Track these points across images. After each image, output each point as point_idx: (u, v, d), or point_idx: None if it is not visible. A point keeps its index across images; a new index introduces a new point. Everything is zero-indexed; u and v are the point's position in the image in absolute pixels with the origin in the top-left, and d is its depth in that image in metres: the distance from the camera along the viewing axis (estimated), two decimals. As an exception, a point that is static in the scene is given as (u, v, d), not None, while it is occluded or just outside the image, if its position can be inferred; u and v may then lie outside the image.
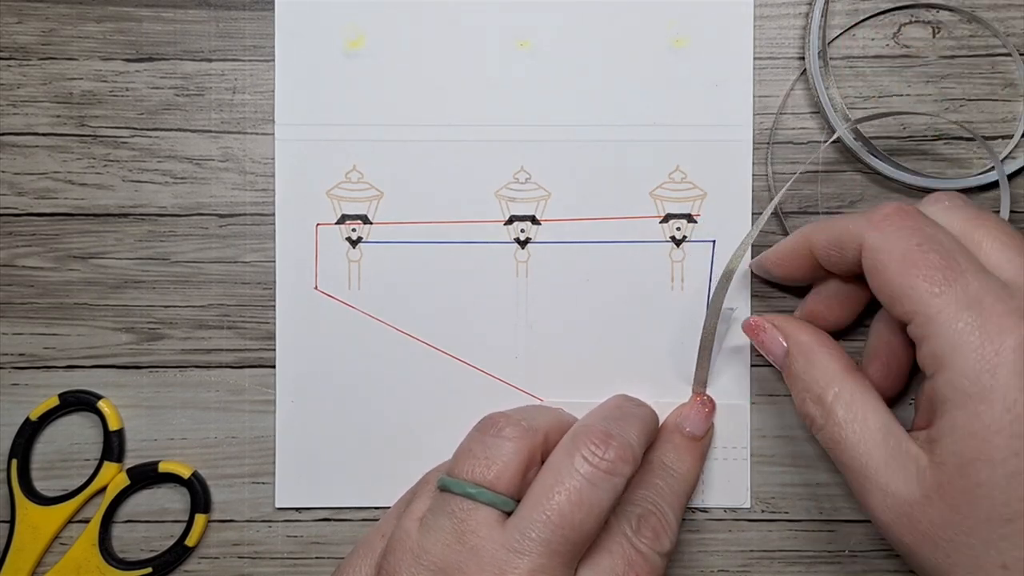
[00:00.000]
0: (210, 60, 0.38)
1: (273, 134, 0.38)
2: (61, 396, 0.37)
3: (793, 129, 0.37)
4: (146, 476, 0.37)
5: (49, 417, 0.37)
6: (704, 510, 0.37)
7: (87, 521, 0.37)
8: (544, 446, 0.32)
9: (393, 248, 0.37)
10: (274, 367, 0.37)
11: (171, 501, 0.38)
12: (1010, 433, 0.27)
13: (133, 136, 0.38)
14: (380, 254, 0.37)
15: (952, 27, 0.38)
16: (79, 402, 0.37)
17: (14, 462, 0.37)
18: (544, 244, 0.37)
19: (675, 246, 0.37)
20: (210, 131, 0.38)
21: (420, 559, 0.30)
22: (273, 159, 0.38)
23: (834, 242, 0.32)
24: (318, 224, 0.38)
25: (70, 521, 0.37)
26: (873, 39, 0.38)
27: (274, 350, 0.37)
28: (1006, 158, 0.37)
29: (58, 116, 0.38)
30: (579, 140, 0.37)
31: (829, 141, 0.36)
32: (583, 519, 0.29)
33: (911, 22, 0.38)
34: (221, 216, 0.38)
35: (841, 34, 0.38)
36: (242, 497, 0.38)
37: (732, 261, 0.35)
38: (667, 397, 0.37)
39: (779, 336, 0.34)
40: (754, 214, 0.38)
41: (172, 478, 0.37)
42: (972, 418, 0.28)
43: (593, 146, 0.37)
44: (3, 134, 0.38)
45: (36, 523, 0.37)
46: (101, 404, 0.37)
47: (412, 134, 0.37)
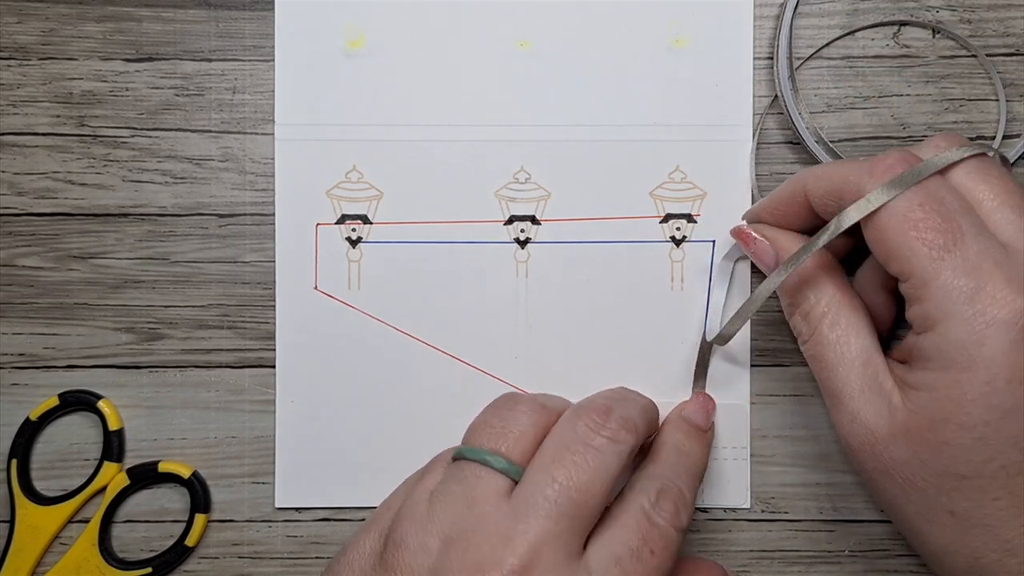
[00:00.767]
0: (210, 60, 0.38)
1: (273, 134, 0.38)
2: (61, 396, 0.37)
3: (790, 129, 0.37)
4: (146, 476, 0.37)
5: (49, 417, 0.37)
6: (704, 510, 0.37)
7: (87, 521, 0.37)
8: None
9: (393, 248, 0.37)
10: (274, 367, 0.37)
11: (171, 501, 0.38)
12: (985, 404, 0.28)
13: (133, 136, 0.38)
14: (380, 254, 0.37)
15: (952, 27, 0.38)
16: (79, 402, 0.37)
17: (14, 462, 0.37)
18: (544, 244, 0.37)
19: (675, 246, 0.37)
20: (210, 131, 0.38)
21: (428, 527, 0.29)
22: (273, 159, 0.38)
23: (833, 192, 0.32)
24: (318, 224, 0.38)
25: (70, 521, 0.37)
26: (873, 39, 0.38)
27: (274, 350, 0.37)
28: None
29: (58, 116, 0.38)
30: (579, 140, 0.37)
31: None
32: (588, 481, 0.29)
33: (911, 22, 0.38)
34: (221, 216, 0.38)
35: (841, 37, 0.38)
36: (242, 497, 0.38)
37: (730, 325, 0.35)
38: (667, 397, 0.37)
39: (769, 246, 0.34)
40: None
41: (172, 478, 0.37)
42: (952, 384, 0.28)
43: (593, 146, 0.37)
44: (3, 134, 0.38)
45: (36, 523, 0.37)
46: (101, 404, 0.37)
47: (412, 134, 0.37)
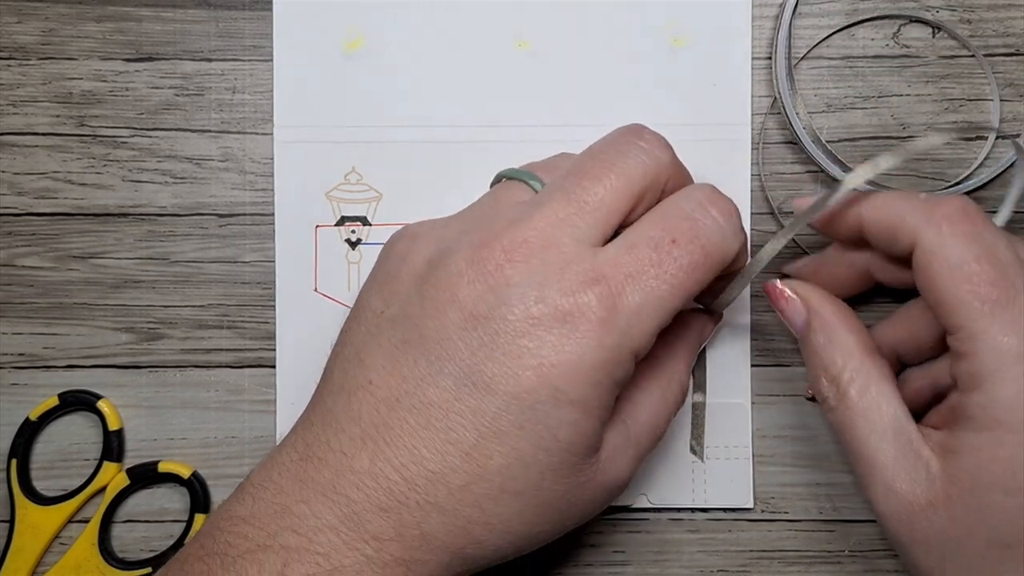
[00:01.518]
0: (210, 60, 0.38)
1: (272, 134, 0.38)
2: (61, 396, 0.37)
3: (787, 129, 0.37)
4: (146, 476, 0.37)
5: (49, 417, 0.37)
6: (704, 510, 0.37)
7: (87, 521, 0.37)
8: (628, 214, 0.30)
9: (393, 248, 0.37)
10: (274, 367, 0.37)
11: (171, 501, 0.38)
12: None
13: (133, 136, 0.38)
14: (380, 254, 0.38)
15: (952, 27, 0.38)
16: (79, 402, 0.37)
17: (14, 462, 0.37)
18: (544, 244, 0.37)
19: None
20: (210, 131, 0.38)
21: (448, 222, 0.31)
22: (273, 159, 0.38)
23: (887, 228, 0.31)
24: (317, 226, 0.38)
25: (70, 521, 0.37)
26: (873, 39, 0.38)
27: (274, 350, 0.37)
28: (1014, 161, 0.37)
29: (58, 116, 0.38)
30: (578, 140, 0.37)
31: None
32: (611, 180, 0.29)
33: (911, 22, 0.38)
34: (221, 216, 0.38)
35: (838, 31, 0.38)
36: (242, 497, 0.38)
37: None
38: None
39: (801, 306, 0.33)
40: (753, 214, 0.38)
41: (172, 478, 0.37)
42: (997, 445, 0.28)
43: (593, 146, 0.37)
44: (3, 134, 0.38)
45: (36, 523, 0.37)
46: (101, 404, 0.37)
47: (411, 135, 0.37)
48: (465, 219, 0.31)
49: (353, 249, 0.38)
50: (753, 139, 0.38)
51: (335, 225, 0.38)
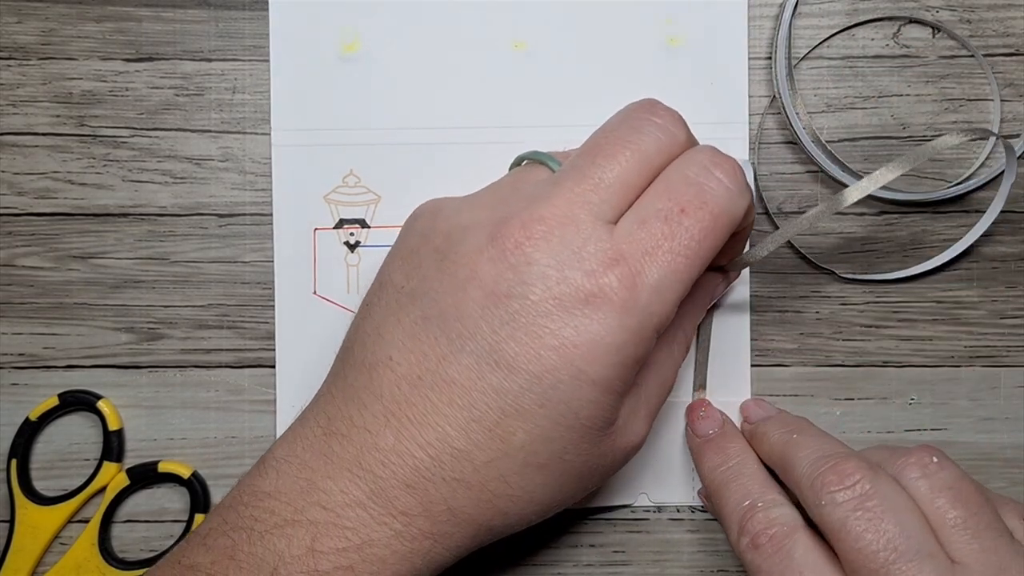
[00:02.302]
0: (210, 60, 0.38)
1: (271, 136, 0.38)
2: (61, 396, 0.37)
3: (787, 129, 0.37)
4: (146, 476, 0.37)
5: (49, 417, 0.37)
6: (704, 510, 0.37)
7: (87, 521, 0.37)
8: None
9: (392, 249, 0.37)
10: (274, 367, 0.37)
11: (171, 501, 0.38)
12: None
13: (133, 136, 0.38)
14: (379, 258, 0.37)
15: (952, 27, 0.37)
16: (79, 402, 0.37)
17: (14, 462, 0.37)
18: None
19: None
20: (210, 131, 0.38)
21: (469, 199, 0.31)
22: (272, 160, 0.38)
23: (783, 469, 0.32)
24: (316, 229, 0.38)
25: (70, 521, 0.37)
26: (873, 39, 0.38)
27: (274, 350, 0.37)
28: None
29: (58, 116, 0.38)
30: (576, 140, 0.37)
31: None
32: (626, 157, 0.29)
33: (911, 22, 0.38)
34: (221, 216, 0.38)
35: (838, 32, 0.38)
36: (242, 497, 0.38)
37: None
38: (669, 396, 0.37)
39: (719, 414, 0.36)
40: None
41: (172, 478, 0.37)
42: None
43: (592, 146, 0.37)
44: (3, 134, 0.38)
45: (36, 523, 0.37)
46: (101, 404, 0.37)
47: (409, 137, 0.37)
48: (485, 197, 0.31)
49: (352, 252, 0.38)
50: (752, 139, 0.38)
51: (334, 228, 0.38)
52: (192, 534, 0.30)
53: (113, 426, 0.37)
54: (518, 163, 0.33)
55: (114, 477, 0.37)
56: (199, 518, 0.37)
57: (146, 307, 0.38)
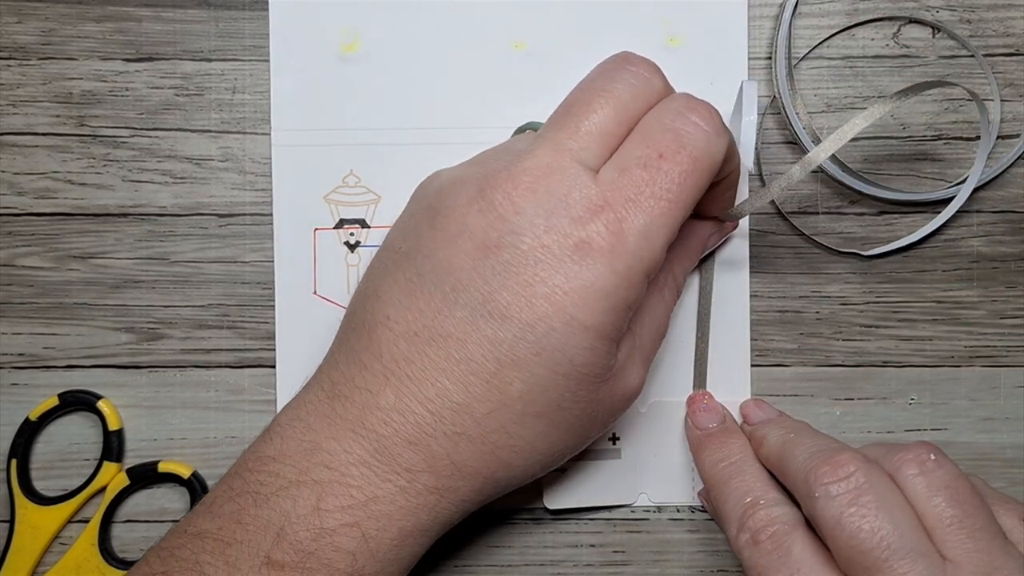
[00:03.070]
0: (210, 60, 0.38)
1: (271, 136, 0.38)
2: (61, 396, 0.37)
3: (787, 129, 0.37)
4: (146, 476, 0.37)
5: (49, 417, 0.37)
6: (704, 510, 0.37)
7: (87, 521, 0.37)
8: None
9: (392, 248, 0.37)
10: (274, 367, 0.37)
11: (171, 501, 0.38)
12: None
13: (133, 136, 0.38)
14: (379, 254, 0.37)
15: (952, 27, 0.37)
16: (79, 402, 0.37)
17: (14, 462, 0.37)
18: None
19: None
20: (210, 131, 0.38)
21: (463, 163, 0.31)
22: (272, 160, 0.38)
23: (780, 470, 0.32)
24: (316, 229, 0.38)
25: (70, 521, 0.37)
26: (873, 39, 0.38)
27: (274, 350, 0.37)
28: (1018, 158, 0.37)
29: (58, 116, 0.38)
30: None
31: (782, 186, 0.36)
32: (591, 97, 0.30)
33: (911, 22, 0.38)
34: (221, 216, 0.38)
35: (838, 33, 0.38)
36: (242, 497, 0.38)
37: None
38: (668, 396, 0.37)
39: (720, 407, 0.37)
40: (752, 214, 0.38)
41: (172, 478, 0.37)
42: None
43: (592, 146, 0.37)
44: (3, 134, 0.38)
45: (36, 523, 0.37)
46: (101, 404, 0.37)
47: (408, 137, 0.37)
48: (477, 158, 0.32)
49: (352, 252, 0.38)
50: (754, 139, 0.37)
51: (334, 228, 0.38)
52: (198, 504, 0.30)
53: (113, 426, 0.37)
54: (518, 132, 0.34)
55: (114, 477, 0.37)
56: (199, 518, 0.37)
57: (146, 307, 0.38)
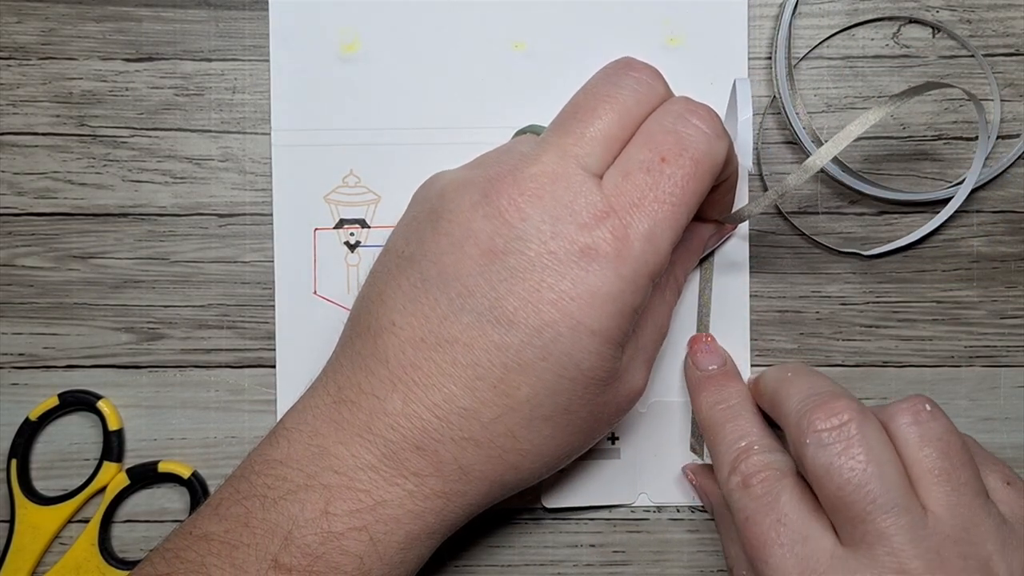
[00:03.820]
0: (210, 60, 0.38)
1: (271, 136, 0.38)
2: (60, 396, 0.37)
3: (787, 129, 0.37)
4: (146, 476, 0.37)
5: (49, 417, 0.37)
6: (704, 510, 0.37)
7: (87, 521, 0.37)
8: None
9: (392, 248, 0.37)
10: (274, 367, 0.37)
11: (171, 501, 0.38)
12: None
13: (133, 136, 0.38)
14: (379, 254, 0.37)
15: (952, 27, 0.37)
16: (78, 402, 0.37)
17: (14, 462, 0.37)
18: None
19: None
20: (210, 131, 0.38)
21: (466, 165, 0.32)
22: (272, 159, 0.38)
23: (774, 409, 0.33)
24: (316, 229, 0.38)
25: (70, 521, 0.37)
26: (873, 39, 0.38)
27: (274, 350, 0.37)
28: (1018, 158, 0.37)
29: (58, 116, 0.38)
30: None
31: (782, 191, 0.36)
32: (595, 103, 0.30)
33: (911, 22, 0.38)
34: (221, 216, 0.38)
35: (838, 33, 0.38)
36: (242, 497, 0.38)
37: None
38: (668, 396, 0.37)
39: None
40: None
41: (172, 478, 0.37)
42: None
43: (592, 146, 0.37)
44: (3, 134, 0.38)
45: (36, 523, 0.37)
46: (101, 404, 0.37)
47: (408, 137, 0.37)
48: (478, 160, 0.32)
49: (352, 252, 0.38)
50: (753, 139, 0.38)
51: (334, 228, 0.38)
52: (203, 506, 0.30)
53: (113, 426, 0.37)
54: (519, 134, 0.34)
55: (114, 477, 0.37)
56: (199, 518, 0.37)
57: (146, 307, 0.38)
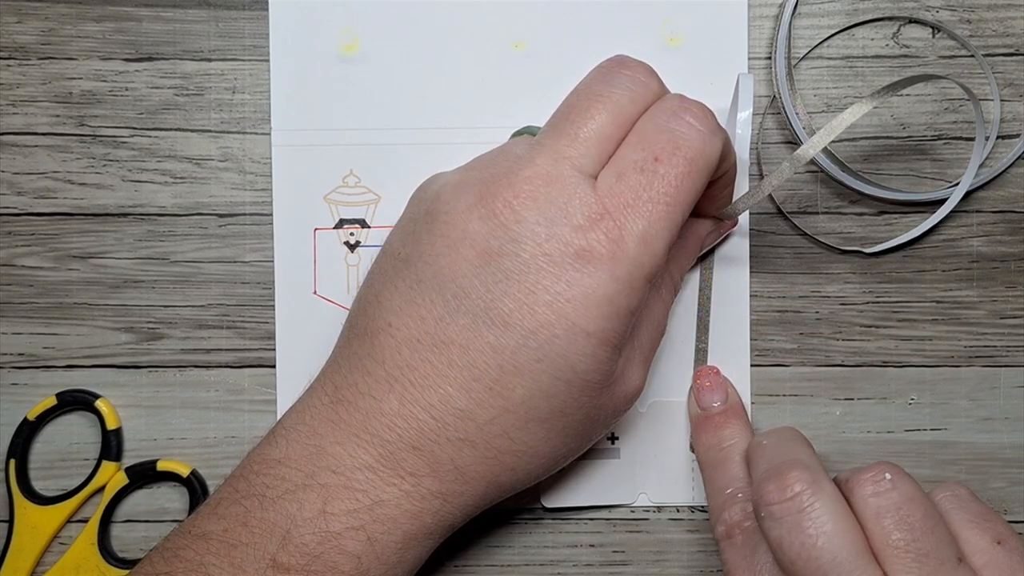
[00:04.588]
0: (210, 60, 0.38)
1: (270, 136, 0.38)
2: (59, 396, 0.37)
3: (787, 129, 0.37)
4: (145, 475, 0.37)
5: (47, 417, 0.37)
6: (704, 509, 0.37)
7: (86, 521, 0.37)
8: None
9: (392, 248, 0.37)
10: (274, 367, 0.37)
11: (170, 500, 0.38)
12: None
13: (133, 136, 0.38)
14: (379, 254, 0.37)
15: (952, 27, 0.37)
16: (77, 401, 0.37)
17: (12, 462, 0.37)
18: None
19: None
20: (210, 131, 0.38)
21: (462, 168, 0.32)
22: (272, 159, 0.38)
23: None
24: (316, 229, 0.38)
25: (69, 521, 0.37)
26: (873, 39, 0.38)
27: (274, 350, 0.37)
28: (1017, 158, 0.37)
29: (58, 116, 0.38)
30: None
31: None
32: (589, 103, 0.30)
33: (911, 22, 0.38)
34: (221, 216, 0.38)
35: (838, 33, 0.38)
36: (241, 497, 0.38)
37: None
38: (668, 396, 0.37)
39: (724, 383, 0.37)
40: (753, 214, 0.38)
41: (171, 477, 0.37)
42: None
43: (592, 146, 0.37)
44: (3, 134, 0.38)
45: (35, 523, 0.37)
46: (99, 403, 0.37)
47: (408, 137, 0.37)
48: (474, 163, 0.32)
49: (352, 252, 0.38)
50: (753, 139, 0.38)
51: (334, 228, 0.38)
52: (202, 505, 0.30)
53: (111, 425, 0.37)
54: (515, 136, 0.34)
55: (113, 476, 0.37)
56: (199, 518, 0.37)
57: (146, 307, 0.38)
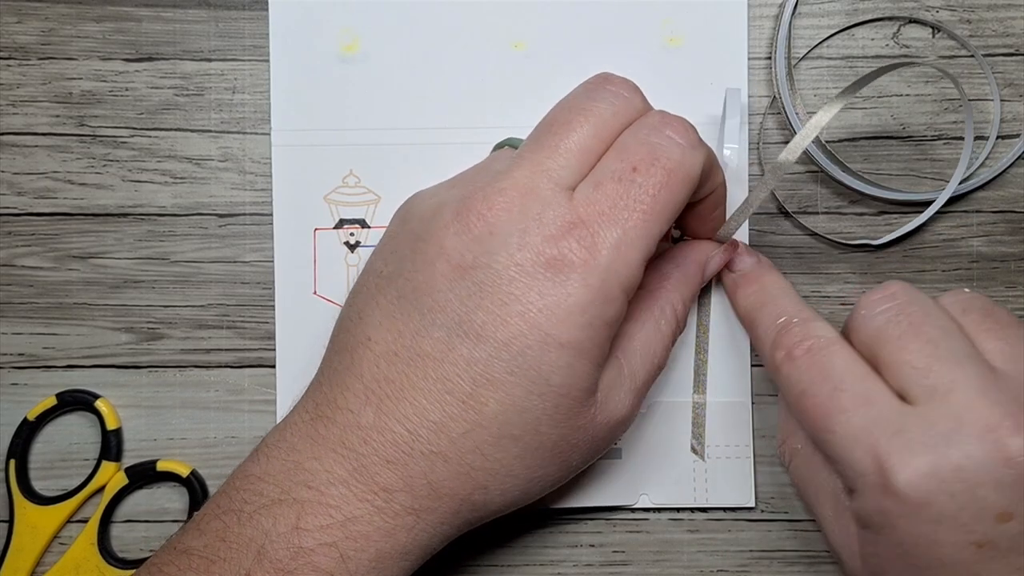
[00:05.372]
0: (210, 60, 0.38)
1: (270, 136, 0.38)
2: (59, 396, 0.37)
3: (787, 129, 0.37)
4: (144, 475, 0.37)
5: (47, 417, 0.37)
6: (704, 510, 0.37)
7: (86, 521, 0.37)
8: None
9: (392, 248, 0.37)
10: (274, 367, 0.37)
11: (170, 500, 0.38)
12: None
13: (133, 136, 0.38)
14: (379, 254, 0.37)
15: (952, 27, 0.38)
16: (77, 401, 0.37)
17: (12, 462, 0.37)
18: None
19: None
20: (210, 131, 0.38)
21: (445, 184, 0.32)
22: (272, 160, 0.38)
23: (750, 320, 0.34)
24: (316, 229, 0.38)
25: (69, 521, 0.37)
26: (873, 39, 0.38)
27: (274, 350, 0.37)
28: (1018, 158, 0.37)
29: (58, 116, 0.38)
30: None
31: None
32: (583, 130, 0.30)
33: (911, 22, 0.38)
34: (221, 216, 0.38)
35: (838, 33, 0.38)
36: (241, 497, 0.37)
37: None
38: (668, 396, 0.37)
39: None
40: (753, 214, 0.37)
41: (171, 477, 0.37)
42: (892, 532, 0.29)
43: (592, 146, 0.37)
44: (3, 134, 0.38)
45: (35, 523, 0.37)
46: (99, 403, 0.37)
47: (408, 137, 0.37)
48: (457, 179, 0.32)
49: (352, 252, 0.38)
50: (753, 139, 0.38)
51: (334, 228, 0.38)
52: (189, 521, 0.31)
53: (111, 425, 0.37)
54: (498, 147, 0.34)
55: (113, 476, 0.37)
56: (198, 518, 0.37)
57: (146, 307, 0.38)
